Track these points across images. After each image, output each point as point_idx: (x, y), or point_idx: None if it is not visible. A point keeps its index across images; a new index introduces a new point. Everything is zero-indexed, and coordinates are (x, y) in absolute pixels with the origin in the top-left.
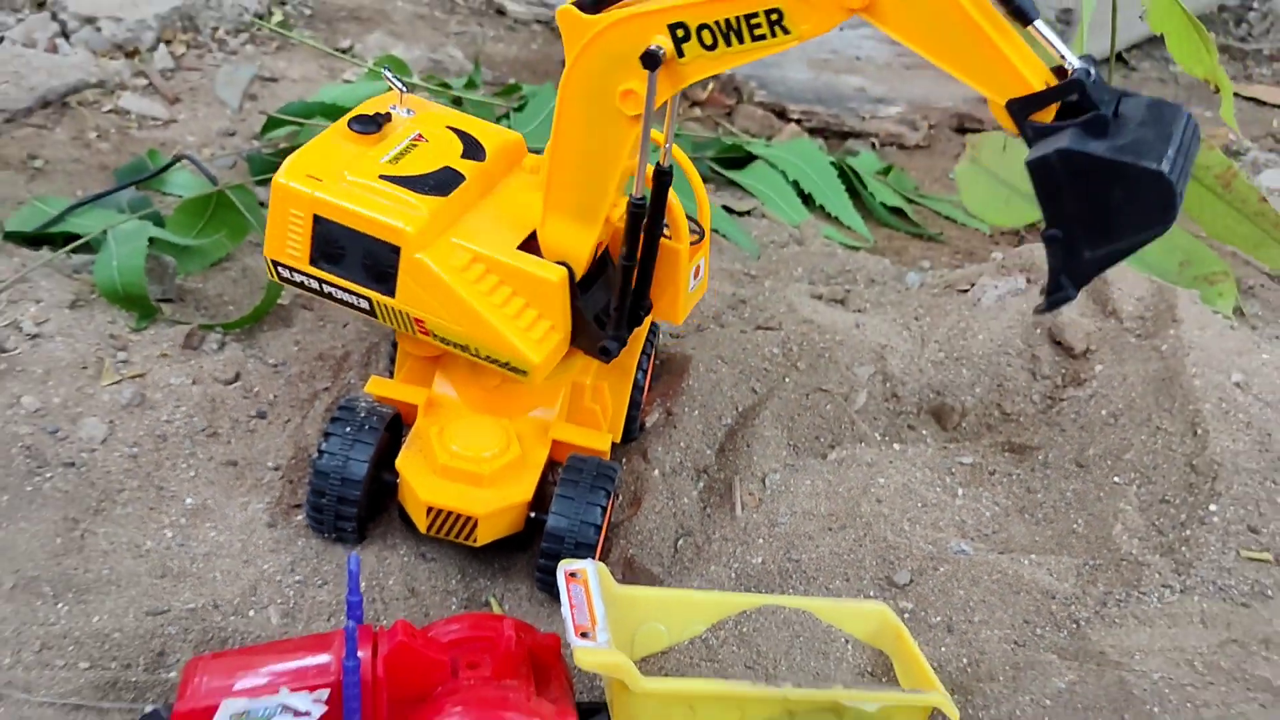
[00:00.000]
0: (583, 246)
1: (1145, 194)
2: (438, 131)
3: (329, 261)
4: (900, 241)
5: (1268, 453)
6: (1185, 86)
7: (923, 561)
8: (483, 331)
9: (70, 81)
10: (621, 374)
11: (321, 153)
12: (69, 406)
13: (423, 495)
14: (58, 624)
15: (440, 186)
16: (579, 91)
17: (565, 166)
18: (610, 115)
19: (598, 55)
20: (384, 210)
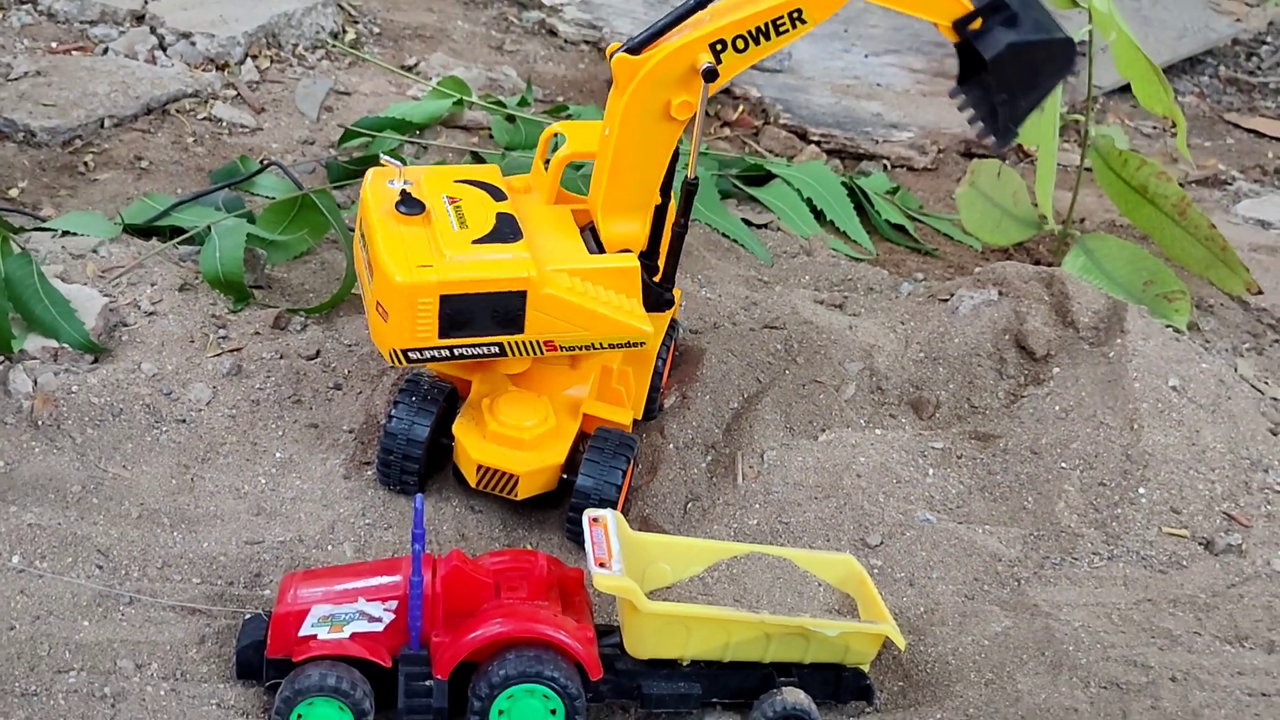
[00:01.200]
0: (640, 233)
1: (1060, 54)
2: (458, 190)
3: (458, 329)
4: (900, 255)
5: (1194, 446)
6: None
7: (893, 527)
8: (605, 326)
9: (171, 91)
10: (644, 362)
11: (400, 245)
12: (180, 373)
13: (474, 455)
14: (175, 547)
15: (512, 231)
16: (636, 114)
17: (624, 175)
18: (660, 127)
19: (650, 84)
20: (500, 268)
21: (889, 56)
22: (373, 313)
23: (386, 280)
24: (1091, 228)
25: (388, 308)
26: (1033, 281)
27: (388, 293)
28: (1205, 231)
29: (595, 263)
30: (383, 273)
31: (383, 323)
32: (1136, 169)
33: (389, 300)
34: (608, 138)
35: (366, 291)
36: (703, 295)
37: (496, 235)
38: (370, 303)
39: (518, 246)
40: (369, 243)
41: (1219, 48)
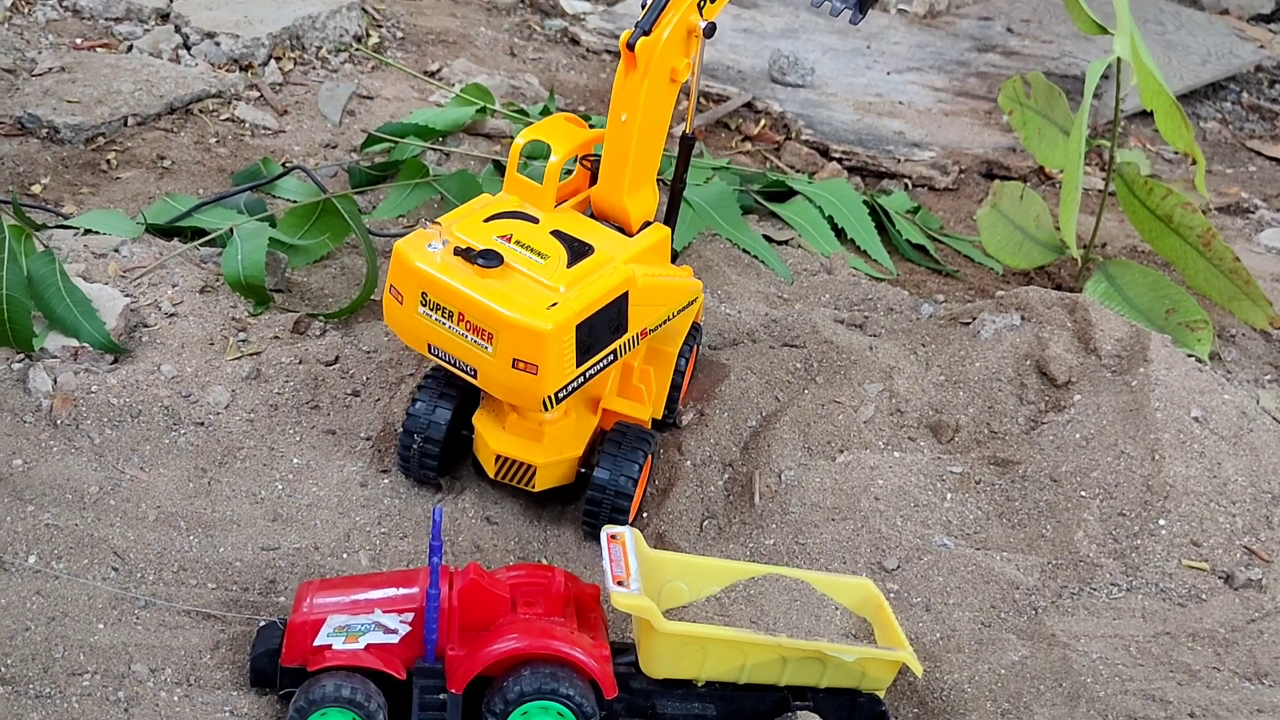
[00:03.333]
0: (654, 200)
1: None
2: (500, 229)
3: (587, 352)
4: (920, 275)
5: (1215, 479)
6: (1210, 144)
7: (910, 551)
8: (675, 295)
9: (194, 91)
10: (664, 361)
11: (510, 299)
12: (199, 375)
13: (493, 445)
14: (191, 551)
15: (581, 245)
16: (655, 87)
17: (649, 150)
18: (668, 93)
19: (662, 57)
20: (606, 281)
21: (911, 74)
22: (506, 376)
23: (532, 334)
24: (1113, 253)
25: (538, 360)
26: (1055, 307)
27: (537, 345)
28: (1230, 264)
29: (643, 242)
30: (522, 329)
31: (532, 377)
32: (1162, 198)
33: (538, 352)
34: (626, 124)
35: (480, 361)
36: (723, 311)
37: (575, 254)
38: (496, 370)
39: (600, 255)
40: (471, 310)
41: (1242, 74)
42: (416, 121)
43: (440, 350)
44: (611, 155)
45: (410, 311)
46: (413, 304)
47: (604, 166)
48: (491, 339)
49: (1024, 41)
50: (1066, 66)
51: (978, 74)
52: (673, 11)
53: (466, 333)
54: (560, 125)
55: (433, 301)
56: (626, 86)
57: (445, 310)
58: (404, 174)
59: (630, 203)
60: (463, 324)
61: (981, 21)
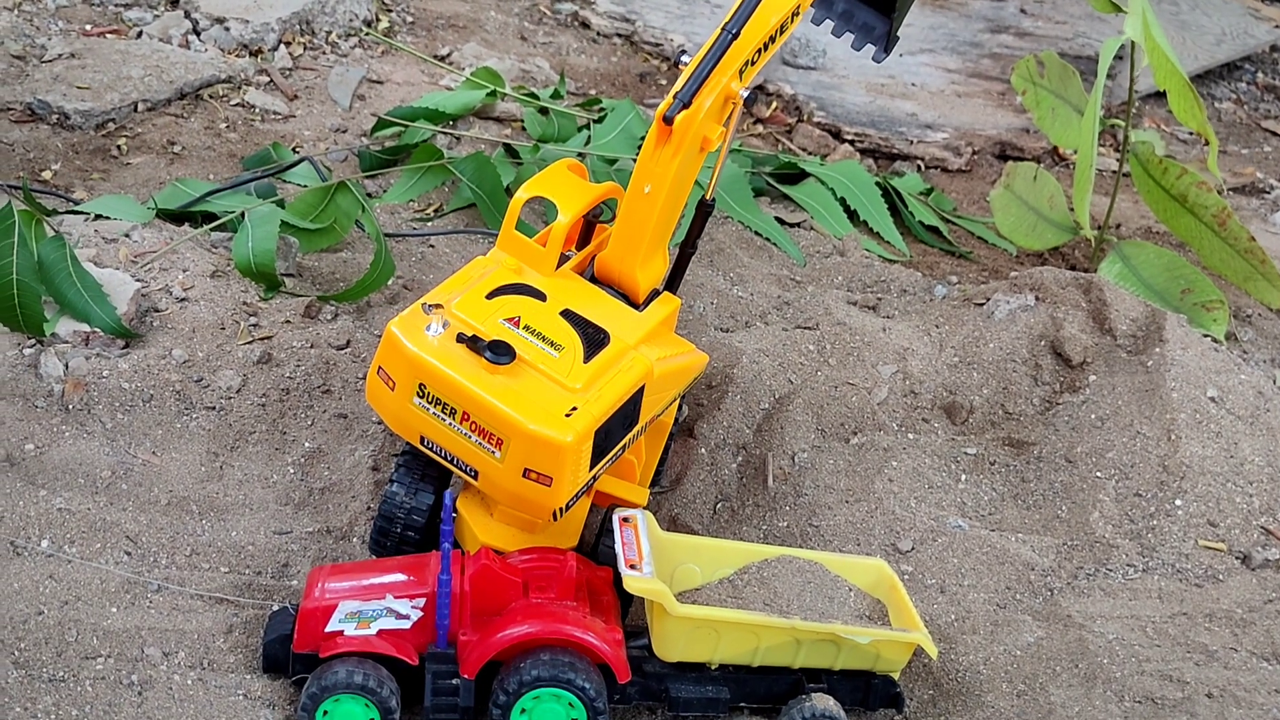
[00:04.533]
0: (664, 266)
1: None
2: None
3: (600, 454)
4: (933, 257)
5: (1232, 459)
6: (1225, 125)
7: (924, 533)
8: (683, 376)
9: (204, 76)
10: (659, 432)
11: (524, 403)
12: (210, 360)
13: (481, 537)
14: (203, 535)
15: (595, 330)
16: (686, 160)
17: (668, 220)
18: (696, 163)
19: (700, 128)
20: (626, 377)
21: (924, 56)
22: (514, 485)
23: (550, 445)
24: (1127, 233)
25: (553, 472)
26: (1070, 287)
27: (554, 458)
28: (1245, 244)
29: (655, 317)
30: (539, 441)
31: (544, 489)
32: (1177, 178)
33: (554, 465)
34: (650, 195)
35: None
36: (735, 294)
37: (590, 344)
38: (503, 478)
39: (618, 344)
40: (479, 411)
41: (1258, 54)
42: (427, 105)
43: (436, 445)
44: (629, 225)
45: (402, 400)
46: (407, 393)
47: (619, 234)
48: (501, 445)
49: (1037, 22)
50: (1080, 47)
51: (991, 55)
52: (716, 80)
53: (471, 434)
54: (566, 180)
55: (432, 395)
56: (657, 160)
57: (447, 407)
58: (417, 157)
59: (642, 275)
60: (467, 424)
61: (994, 2)
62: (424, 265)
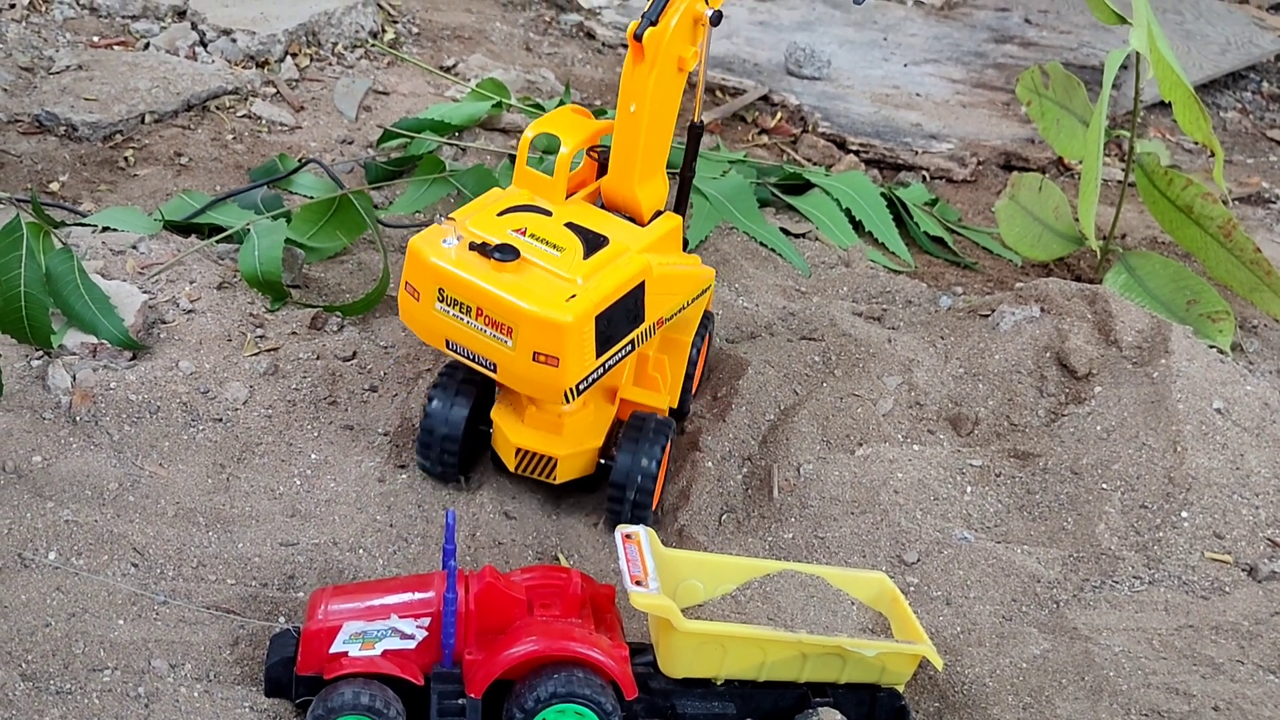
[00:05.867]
0: (664, 190)
1: None
2: (513, 223)
3: (606, 343)
4: (938, 268)
5: (1238, 470)
6: (1230, 134)
7: (930, 545)
8: (689, 284)
9: (211, 88)
10: (679, 350)
11: (529, 293)
12: (217, 372)
13: (513, 439)
14: (210, 547)
15: (596, 237)
16: (661, 80)
17: (654, 140)
18: (675, 83)
19: (670, 47)
20: (623, 271)
21: (928, 66)
22: (526, 370)
23: (552, 326)
24: (1133, 244)
25: (558, 352)
26: (1075, 299)
27: (557, 338)
28: (1251, 255)
29: (656, 231)
30: (542, 322)
31: (553, 370)
32: (1182, 189)
33: (558, 345)
34: (635, 114)
35: (500, 355)
36: (740, 305)
37: (590, 246)
38: (517, 364)
39: (615, 246)
40: (490, 305)
41: (1262, 63)
42: (432, 117)
43: (458, 345)
44: (621, 146)
45: (427, 308)
46: (429, 300)
47: (614, 157)
48: (511, 333)
49: (1042, 32)
50: (1085, 57)
51: (995, 65)
52: (679, 1)
53: (485, 327)
54: (568, 117)
55: (450, 297)
56: (635, 77)
57: (463, 306)
58: (421, 169)
59: (641, 193)
60: (481, 319)
61: (999, 12)
62: None
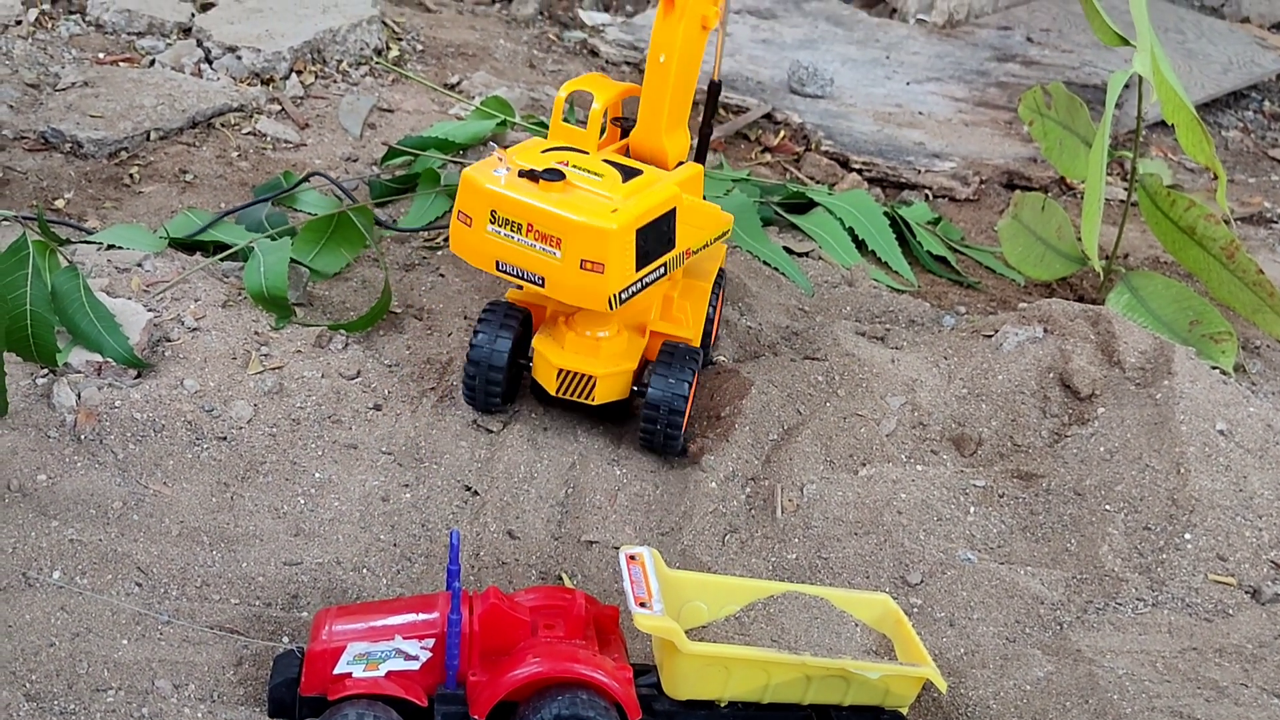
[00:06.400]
0: (688, 140)
1: None
2: (558, 157)
3: (644, 259)
4: (941, 287)
5: (1241, 492)
6: (1232, 153)
7: (933, 566)
8: (713, 221)
9: (216, 105)
10: (698, 294)
11: (575, 208)
12: (222, 390)
13: (554, 360)
14: (214, 566)
15: (631, 171)
16: (690, 34)
17: (681, 90)
18: (699, 40)
19: (696, 4)
20: (657, 195)
21: (931, 84)
22: (574, 278)
23: (598, 234)
24: (1136, 264)
25: (604, 259)
26: (1078, 319)
27: (603, 244)
28: (1253, 276)
29: (682, 174)
30: (589, 230)
31: (598, 277)
32: (1185, 210)
33: (604, 251)
34: (664, 64)
35: (548, 268)
36: (744, 324)
37: (626, 175)
38: (564, 274)
39: (648, 175)
40: (540, 220)
41: (1264, 82)
42: (437, 135)
43: (508, 265)
44: (650, 95)
45: (479, 232)
46: (481, 224)
47: (643, 108)
48: (560, 244)
49: (1044, 51)
50: (1087, 76)
51: (998, 84)
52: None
53: (535, 242)
54: (598, 79)
55: (501, 218)
56: (664, 28)
57: (514, 224)
58: (423, 183)
59: (668, 141)
60: (531, 234)
61: (1001, 31)
62: (434, 294)
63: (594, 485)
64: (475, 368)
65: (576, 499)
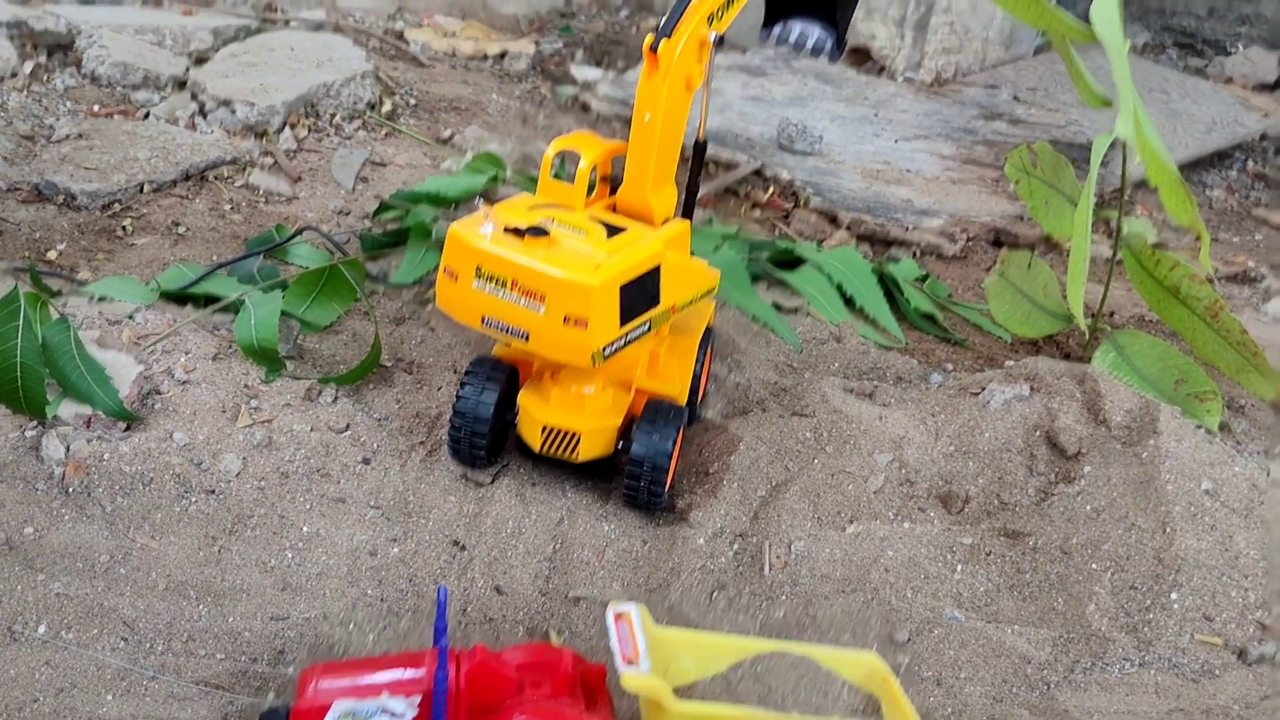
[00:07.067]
0: (674, 198)
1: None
2: (544, 214)
3: (628, 315)
4: (929, 344)
5: (1227, 552)
6: (1216, 212)
7: (921, 624)
8: (698, 280)
9: (210, 158)
10: (685, 351)
11: (560, 263)
12: (211, 443)
13: (539, 417)
14: (200, 621)
15: (616, 228)
16: (673, 92)
17: (666, 149)
18: (684, 99)
19: (680, 63)
20: (641, 252)
21: (918, 142)
22: (557, 333)
23: (581, 289)
24: (1122, 321)
25: (587, 314)
26: (1065, 378)
27: (585, 300)
28: (1237, 336)
29: (668, 231)
30: (572, 286)
31: (582, 332)
32: (1169, 270)
33: (587, 307)
34: (649, 123)
35: (532, 323)
36: (733, 380)
37: (611, 231)
38: (548, 330)
39: (633, 232)
40: (524, 276)
41: (1247, 142)
42: (429, 189)
43: (494, 320)
44: (636, 153)
45: (465, 287)
46: (467, 280)
47: (629, 165)
48: (543, 299)
49: (1030, 109)
50: (1073, 135)
51: (985, 142)
52: (689, 21)
53: (520, 297)
54: (587, 137)
55: (487, 274)
56: (649, 88)
57: (499, 280)
58: (414, 237)
59: (654, 199)
60: (516, 289)
61: (988, 89)
62: (424, 348)
63: (582, 541)
64: (461, 420)
65: (564, 554)
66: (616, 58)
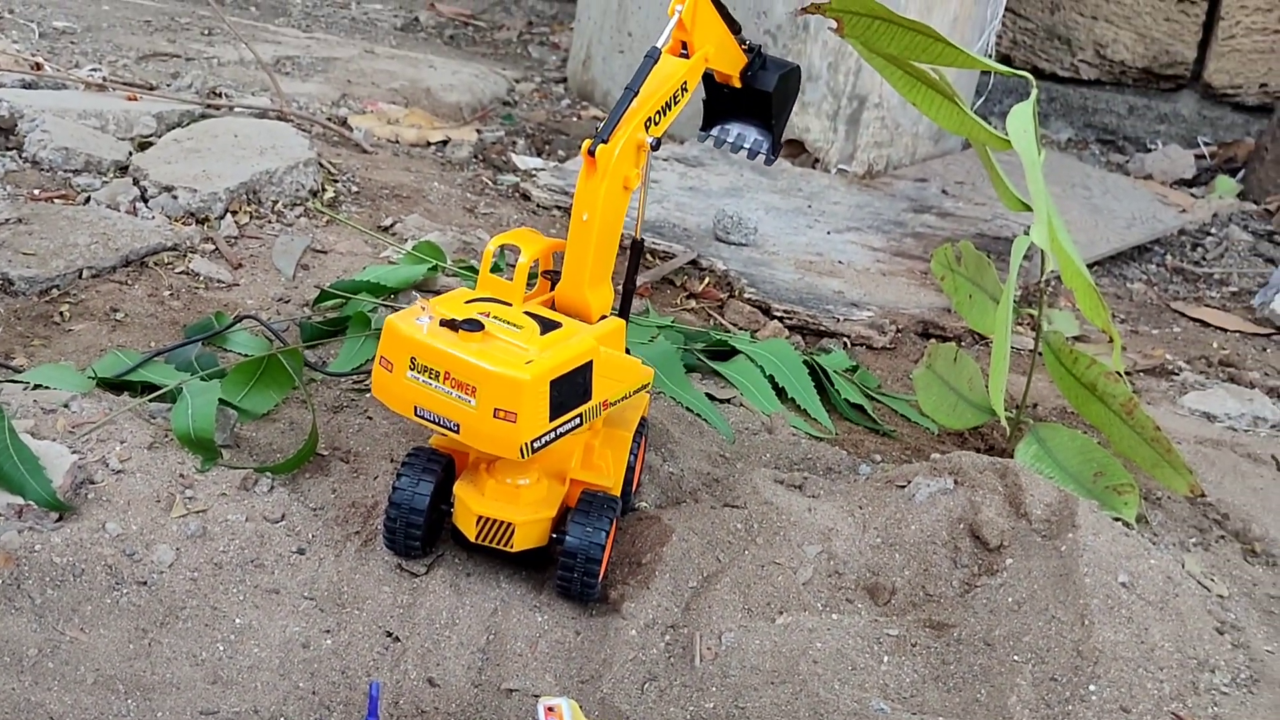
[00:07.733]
0: (610, 295)
1: (798, 76)
2: (479, 309)
3: (558, 410)
4: (858, 435)
5: (1143, 644)
6: (1136, 305)
7: (848, 716)
8: (631, 375)
9: (151, 244)
10: (619, 443)
11: (491, 358)
12: (144, 534)
13: (474, 507)
14: (128, 716)
15: (550, 323)
16: (610, 194)
17: (604, 248)
18: (621, 200)
19: (618, 165)
20: (574, 348)
21: (850, 234)
22: (487, 426)
23: (512, 384)
24: (1044, 412)
25: (517, 408)
26: (987, 472)
27: (516, 394)
28: (1151, 433)
29: (603, 329)
30: (502, 380)
31: (511, 426)
32: (1086, 367)
33: (517, 400)
34: (588, 222)
35: (463, 415)
36: (666, 470)
37: (546, 327)
38: (478, 422)
39: (567, 329)
40: (456, 368)
41: (1166, 237)
42: (369, 278)
43: (425, 410)
44: (574, 252)
45: (399, 378)
46: (402, 370)
47: (567, 264)
48: (474, 392)
49: (958, 203)
50: (999, 229)
51: (914, 234)
52: (626, 125)
53: (452, 390)
54: (528, 234)
55: (421, 365)
56: (587, 189)
57: (432, 371)
58: (353, 326)
59: (591, 296)
60: (448, 381)
61: (918, 183)
62: (361, 437)
63: (516, 631)
64: (396, 511)
65: (498, 646)
66: (558, 147)
